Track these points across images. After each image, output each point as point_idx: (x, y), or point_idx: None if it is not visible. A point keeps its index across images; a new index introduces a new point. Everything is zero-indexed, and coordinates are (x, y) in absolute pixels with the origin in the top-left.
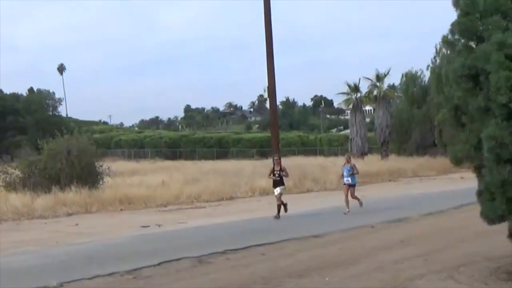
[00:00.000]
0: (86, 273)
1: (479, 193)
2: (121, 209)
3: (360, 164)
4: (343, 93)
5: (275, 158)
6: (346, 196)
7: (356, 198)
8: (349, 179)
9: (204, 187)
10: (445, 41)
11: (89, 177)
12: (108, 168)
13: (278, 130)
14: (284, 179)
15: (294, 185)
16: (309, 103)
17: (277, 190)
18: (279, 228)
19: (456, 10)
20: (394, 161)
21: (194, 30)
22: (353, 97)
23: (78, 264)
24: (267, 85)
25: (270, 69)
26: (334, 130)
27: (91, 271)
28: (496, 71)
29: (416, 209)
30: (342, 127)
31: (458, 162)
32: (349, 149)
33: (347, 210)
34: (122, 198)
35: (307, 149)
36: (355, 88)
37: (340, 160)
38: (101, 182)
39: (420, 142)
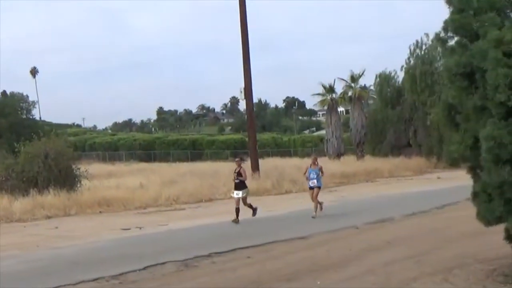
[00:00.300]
0: (71, 279)
1: (475, 195)
2: (100, 212)
3: (337, 165)
4: (318, 94)
5: (236, 160)
6: (314, 199)
7: (318, 201)
8: (315, 181)
9: (182, 189)
10: (438, 38)
11: (67, 180)
12: (86, 170)
13: (255, 131)
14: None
15: (272, 186)
16: (281, 104)
17: (238, 194)
18: (263, 230)
19: (449, 7)
20: (370, 162)
21: (166, 33)
22: (328, 97)
23: (62, 269)
24: (243, 86)
25: (246, 70)
26: (306, 132)
27: (76, 276)
28: (494, 69)
29: (399, 210)
30: (314, 129)
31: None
32: (325, 150)
33: (314, 214)
34: (101, 200)
35: (281, 150)
36: (330, 89)
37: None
38: (79, 185)
39: (395, 142)
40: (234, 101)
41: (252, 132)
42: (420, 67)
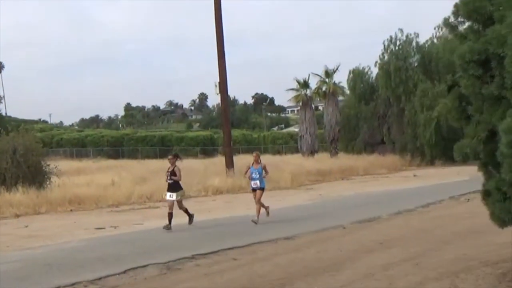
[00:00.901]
0: (46, 283)
1: (486, 193)
2: (71, 210)
3: (311, 162)
4: (293, 89)
5: (169, 157)
6: (258, 201)
7: (262, 205)
8: (258, 182)
9: (155, 186)
10: (447, 24)
11: (36, 177)
12: (56, 167)
13: (230, 127)
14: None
15: (247, 184)
16: (250, 101)
17: (172, 196)
18: (246, 230)
19: None
20: (344, 159)
21: (133, 29)
22: (303, 93)
23: (37, 272)
24: (218, 80)
25: (221, 65)
26: (275, 128)
27: (52, 280)
28: None
29: (383, 209)
30: (283, 126)
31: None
32: (299, 147)
33: (256, 218)
34: (72, 198)
35: (251, 147)
36: (305, 84)
37: (288, 158)
38: (48, 182)
39: (368, 139)
40: (203, 97)
41: (226, 128)
42: (394, 62)
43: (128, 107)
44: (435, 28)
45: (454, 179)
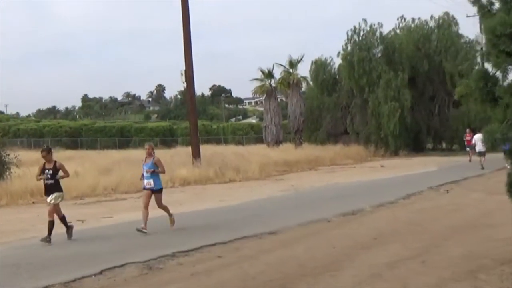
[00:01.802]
0: (14, 286)
1: None
2: (33, 202)
3: (277, 152)
4: (257, 79)
5: (42, 152)
6: (146, 206)
7: (166, 209)
8: (151, 181)
9: (120, 177)
10: None
11: None
12: (16, 157)
13: (196, 116)
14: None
15: (215, 174)
16: (207, 92)
17: (50, 199)
18: (224, 224)
19: None
20: (309, 150)
21: (90, 20)
22: (267, 83)
23: (3, 274)
24: (184, 68)
25: (187, 54)
26: (233, 120)
27: (21, 284)
28: None
29: (363, 200)
30: (241, 117)
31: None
32: (264, 138)
33: (143, 226)
34: (33, 189)
35: (212, 138)
36: (269, 74)
37: (253, 149)
38: (8, 173)
39: (331, 130)
40: (160, 89)
41: (193, 117)
42: (358, 53)
43: (85, 98)
44: (398, 19)
45: (422, 169)
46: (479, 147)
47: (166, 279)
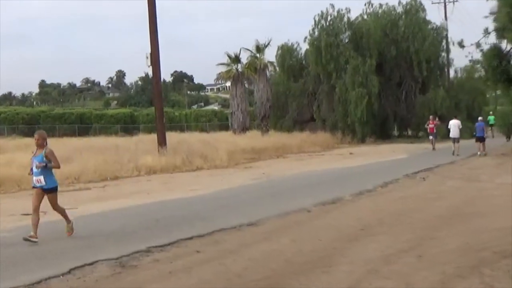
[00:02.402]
0: None
1: None
2: None
3: (244, 139)
4: (223, 63)
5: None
6: (36, 209)
7: (63, 213)
8: (41, 178)
9: (82, 166)
10: None
11: None
12: None
13: (162, 102)
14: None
15: (182, 162)
16: (169, 79)
17: None
18: (199, 215)
19: None
20: (276, 137)
21: (48, 5)
22: (234, 68)
23: None
24: (149, 51)
25: (153, 37)
26: (195, 107)
27: None
28: None
29: (340, 189)
30: (202, 104)
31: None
32: (230, 124)
33: (32, 234)
34: None
35: (174, 125)
36: (236, 59)
37: (218, 136)
38: None
39: (298, 117)
40: (120, 74)
41: (159, 103)
42: (325, 38)
43: (42, 84)
44: (365, 4)
45: (392, 157)
46: (454, 133)
47: (142, 278)
